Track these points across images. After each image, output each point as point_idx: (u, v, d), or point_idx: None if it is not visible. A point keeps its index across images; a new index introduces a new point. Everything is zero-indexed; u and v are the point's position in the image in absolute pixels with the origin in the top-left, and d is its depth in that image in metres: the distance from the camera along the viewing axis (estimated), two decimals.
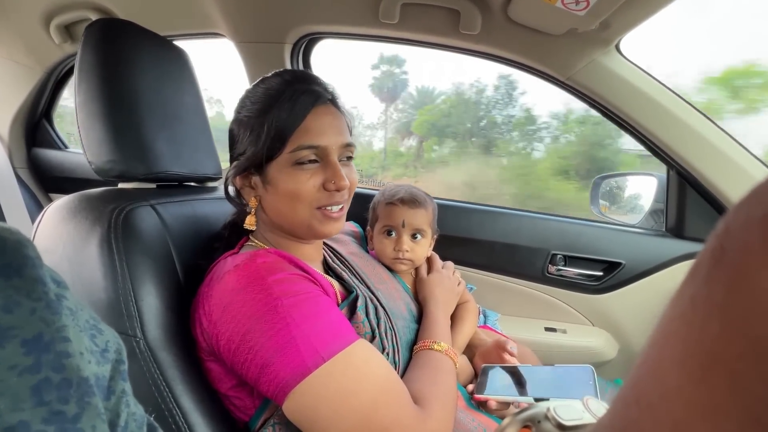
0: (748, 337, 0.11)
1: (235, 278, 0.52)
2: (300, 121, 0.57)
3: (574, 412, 0.33)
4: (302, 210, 0.59)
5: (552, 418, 0.32)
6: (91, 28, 0.65)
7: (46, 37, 1.27)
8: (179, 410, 0.52)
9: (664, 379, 0.14)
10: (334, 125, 0.60)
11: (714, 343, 0.12)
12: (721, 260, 0.13)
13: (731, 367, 0.12)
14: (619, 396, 0.17)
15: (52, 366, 0.20)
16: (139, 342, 0.53)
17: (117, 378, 0.24)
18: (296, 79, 0.60)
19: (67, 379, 0.20)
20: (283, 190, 0.58)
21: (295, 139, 0.57)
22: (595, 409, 0.33)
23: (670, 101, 0.94)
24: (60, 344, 0.21)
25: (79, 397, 0.20)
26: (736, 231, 0.13)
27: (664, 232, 1.10)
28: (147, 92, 0.68)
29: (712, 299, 0.13)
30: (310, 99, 0.58)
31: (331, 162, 0.59)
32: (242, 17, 1.08)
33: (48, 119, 1.55)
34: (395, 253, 0.78)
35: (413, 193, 0.80)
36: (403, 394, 0.51)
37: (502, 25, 0.94)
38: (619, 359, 1.10)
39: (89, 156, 0.66)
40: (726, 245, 0.13)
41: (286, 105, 0.56)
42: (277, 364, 0.47)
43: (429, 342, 0.64)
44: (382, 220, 0.79)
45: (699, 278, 0.14)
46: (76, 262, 0.56)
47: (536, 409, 0.34)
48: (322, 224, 0.60)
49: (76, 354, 0.21)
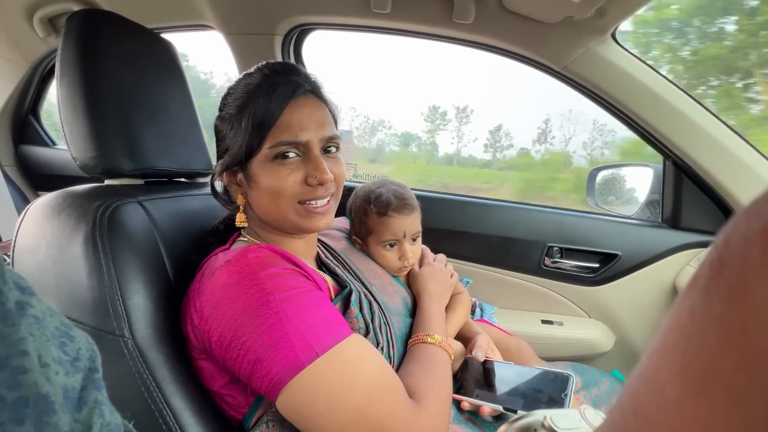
0: (746, 350, 0.11)
1: (226, 273, 0.51)
2: (278, 115, 0.55)
3: (571, 422, 0.33)
4: (284, 205, 0.58)
5: (548, 427, 0.32)
6: (72, 20, 0.63)
7: (29, 31, 1.24)
8: (170, 410, 0.51)
9: (662, 390, 0.14)
10: (314, 118, 0.58)
11: (712, 356, 0.12)
12: (720, 272, 0.13)
13: (729, 380, 0.12)
14: (617, 406, 0.17)
15: (7, 383, 0.18)
16: (127, 342, 0.52)
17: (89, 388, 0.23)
18: (274, 72, 0.58)
19: (23, 398, 0.19)
20: (265, 187, 0.57)
21: (275, 135, 0.55)
22: (591, 419, 0.34)
23: (667, 91, 0.93)
24: (16, 359, 0.19)
25: (36, 417, 0.19)
26: (735, 243, 0.13)
27: (660, 223, 1.10)
28: (132, 85, 0.66)
29: (710, 311, 0.13)
30: (287, 91, 0.56)
31: (313, 156, 0.57)
32: (231, 8, 1.06)
33: (35, 115, 1.52)
34: (401, 263, 0.75)
35: (402, 196, 0.75)
36: (398, 389, 0.51)
37: (496, 13, 0.92)
38: (615, 351, 1.10)
39: (74, 152, 0.64)
40: (725, 257, 0.13)
41: (263, 99, 0.55)
42: (269, 360, 0.47)
43: (423, 335, 0.64)
44: (379, 235, 0.74)
45: (697, 290, 0.14)
46: (61, 261, 0.54)
47: (533, 417, 0.34)
48: (306, 219, 0.59)
49: (35, 369, 0.20)
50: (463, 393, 0.64)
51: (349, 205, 0.81)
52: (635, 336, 1.09)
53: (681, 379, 0.13)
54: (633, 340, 1.09)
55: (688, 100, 0.94)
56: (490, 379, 0.66)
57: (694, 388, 0.13)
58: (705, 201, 1.01)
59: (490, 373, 0.67)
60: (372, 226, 0.75)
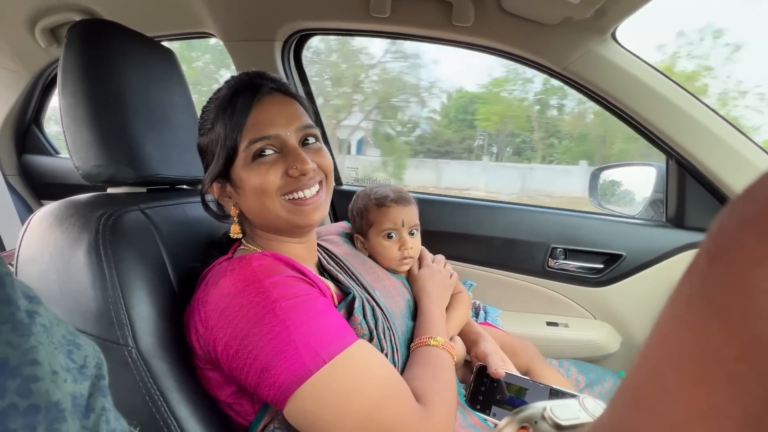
0: (746, 337, 0.11)
1: (231, 282, 0.51)
2: (245, 117, 0.57)
3: (571, 412, 0.33)
4: (271, 203, 0.58)
5: (549, 417, 0.32)
6: (73, 29, 0.64)
7: (31, 41, 1.25)
8: (175, 420, 0.51)
9: (662, 380, 0.14)
10: (283, 113, 0.59)
11: (712, 344, 0.12)
12: (717, 260, 0.13)
13: (730, 368, 0.12)
14: (617, 396, 0.16)
15: (19, 392, 0.19)
16: (131, 351, 0.51)
17: (96, 395, 0.23)
18: (238, 82, 0.60)
19: (35, 405, 0.19)
20: (250, 188, 0.58)
21: (246, 136, 0.57)
22: (591, 409, 0.33)
23: (668, 90, 0.93)
24: (28, 368, 0.19)
25: (48, 424, 0.19)
26: (730, 230, 0.13)
27: (664, 222, 1.09)
28: (134, 94, 0.66)
29: (708, 299, 0.13)
30: (251, 93, 0.58)
31: (290, 147, 0.58)
32: (231, 15, 1.06)
33: (38, 125, 1.53)
34: (401, 253, 0.77)
35: (399, 190, 0.80)
36: (405, 393, 0.51)
37: (496, 16, 0.92)
38: (622, 352, 1.09)
39: (76, 161, 0.64)
40: (721, 244, 0.13)
41: (229, 107, 0.57)
42: (277, 368, 0.47)
43: (425, 338, 0.64)
44: (379, 225, 0.78)
45: (695, 278, 0.14)
46: (64, 270, 0.54)
47: (533, 409, 0.34)
48: (295, 214, 0.59)
49: (46, 377, 0.20)
50: (479, 408, 0.65)
51: (351, 205, 0.83)
52: (642, 337, 1.07)
53: (681, 369, 0.13)
54: (639, 341, 1.07)
55: (690, 98, 0.93)
56: (505, 397, 0.65)
57: (694, 377, 0.13)
58: (709, 199, 1.01)
59: (506, 389, 0.66)
60: (372, 218, 0.78)
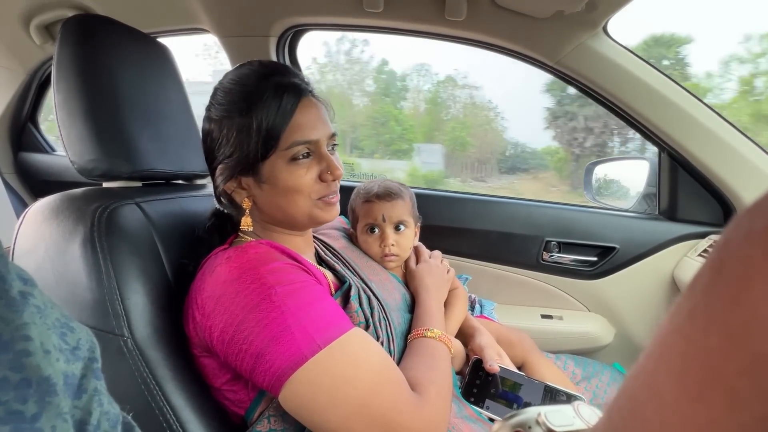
0: (748, 353, 0.11)
1: (227, 269, 0.52)
2: (290, 118, 0.57)
3: (565, 418, 0.32)
4: (303, 202, 0.60)
5: (543, 423, 0.32)
6: (67, 25, 0.64)
7: (26, 38, 1.25)
8: (170, 408, 0.51)
9: (660, 393, 0.14)
10: (320, 117, 0.61)
11: (713, 358, 0.12)
12: (721, 273, 0.12)
13: (730, 384, 0.11)
14: (614, 405, 0.16)
15: (11, 365, 0.19)
16: (126, 341, 0.52)
17: (89, 376, 0.24)
18: (272, 72, 0.59)
19: (27, 379, 0.20)
20: (284, 186, 0.59)
21: (288, 136, 0.57)
22: (587, 416, 0.33)
23: (660, 82, 0.94)
24: (20, 343, 0.20)
25: (39, 397, 0.20)
26: (736, 243, 0.12)
27: (657, 215, 1.10)
28: (128, 89, 0.66)
29: (711, 313, 0.12)
30: (295, 93, 0.58)
31: (323, 154, 0.60)
32: (225, 11, 1.07)
33: (33, 122, 1.53)
34: (382, 249, 0.77)
35: (387, 185, 0.80)
36: (400, 381, 0.51)
37: (488, 10, 0.93)
38: (615, 344, 1.10)
39: (71, 156, 0.64)
40: (726, 258, 0.12)
41: (272, 102, 0.56)
42: (272, 353, 0.47)
43: (422, 330, 0.64)
44: (362, 219, 0.79)
45: (698, 291, 0.13)
46: (60, 262, 0.55)
47: (527, 414, 0.33)
48: (323, 211, 0.62)
49: (37, 352, 0.20)
50: (473, 401, 0.66)
51: (350, 202, 0.84)
52: (635, 328, 1.09)
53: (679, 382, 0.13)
54: (632, 332, 1.09)
55: (681, 91, 0.94)
56: (499, 391, 0.66)
57: (693, 391, 0.12)
58: (701, 192, 1.02)
59: (500, 383, 0.67)
60: (358, 212, 0.80)
